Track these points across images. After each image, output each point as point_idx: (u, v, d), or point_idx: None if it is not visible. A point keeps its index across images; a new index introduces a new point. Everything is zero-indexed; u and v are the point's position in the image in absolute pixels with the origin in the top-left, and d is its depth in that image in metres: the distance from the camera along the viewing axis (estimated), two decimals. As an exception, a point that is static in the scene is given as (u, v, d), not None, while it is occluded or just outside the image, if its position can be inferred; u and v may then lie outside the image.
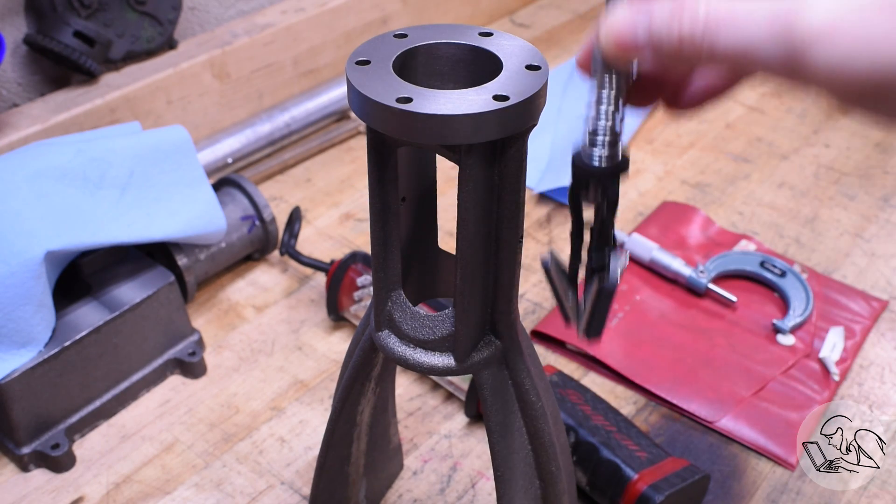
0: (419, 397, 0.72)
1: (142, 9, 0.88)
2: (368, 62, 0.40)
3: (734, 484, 0.66)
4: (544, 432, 0.48)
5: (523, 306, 0.81)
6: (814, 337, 0.77)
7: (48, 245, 0.65)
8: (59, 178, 0.68)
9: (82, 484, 0.65)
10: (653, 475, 0.60)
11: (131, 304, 0.70)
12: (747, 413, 0.71)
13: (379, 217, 0.44)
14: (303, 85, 1.05)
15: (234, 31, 0.98)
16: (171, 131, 0.75)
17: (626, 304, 0.80)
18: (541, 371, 0.50)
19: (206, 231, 0.76)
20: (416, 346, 0.46)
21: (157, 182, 0.73)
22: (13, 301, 0.63)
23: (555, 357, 0.76)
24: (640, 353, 0.75)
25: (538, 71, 0.39)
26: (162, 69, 0.90)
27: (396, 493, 0.65)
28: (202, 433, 0.69)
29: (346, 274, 0.76)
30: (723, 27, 0.33)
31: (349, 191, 0.96)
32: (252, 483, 0.66)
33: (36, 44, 0.82)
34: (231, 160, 0.92)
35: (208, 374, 0.74)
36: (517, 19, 1.30)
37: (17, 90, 0.87)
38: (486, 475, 0.66)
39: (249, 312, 0.80)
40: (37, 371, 0.65)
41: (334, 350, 0.77)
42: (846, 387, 0.74)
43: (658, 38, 0.34)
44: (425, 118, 0.37)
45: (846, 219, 0.92)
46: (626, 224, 0.91)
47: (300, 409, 0.71)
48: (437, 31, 0.43)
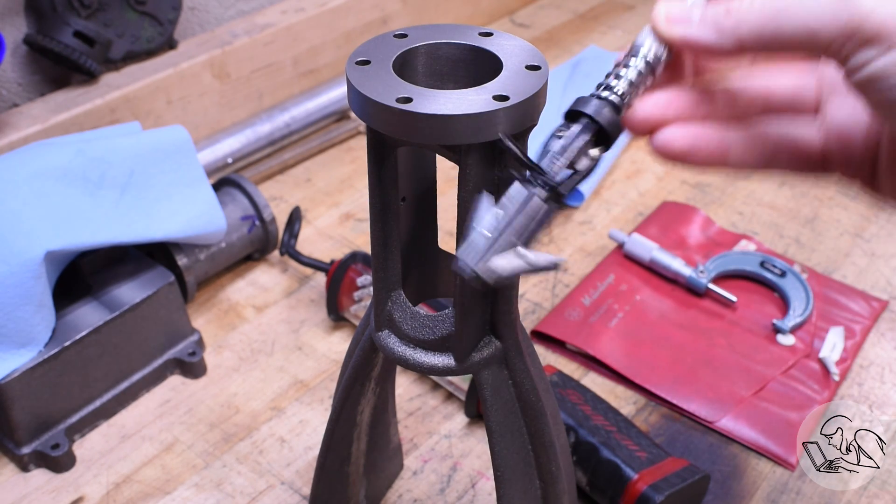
0: (419, 397, 0.72)
1: (142, 9, 0.88)
2: (368, 62, 0.40)
3: (734, 484, 0.66)
4: (544, 432, 0.48)
5: (523, 306, 0.81)
6: (814, 337, 0.77)
7: (48, 245, 0.65)
8: (59, 178, 0.68)
9: (82, 484, 0.65)
10: (653, 475, 0.60)
11: (131, 304, 0.70)
12: (747, 413, 0.71)
13: (379, 217, 0.44)
14: (303, 85, 1.05)
15: (234, 31, 0.98)
16: (171, 131, 0.75)
17: (626, 304, 0.80)
18: (541, 371, 0.50)
19: (206, 231, 0.76)
20: (416, 346, 0.46)
21: (157, 182, 0.73)
22: (13, 301, 0.63)
23: (555, 357, 0.76)
24: (640, 353, 0.75)
25: (538, 71, 0.39)
26: (162, 69, 0.90)
27: (396, 493, 0.65)
28: (202, 433, 0.69)
29: (346, 274, 0.76)
30: (790, 8, 0.34)
31: (349, 191, 0.96)
32: (252, 483, 0.66)
33: (36, 44, 0.82)
34: (231, 160, 0.92)
35: (208, 374, 0.74)
36: (517, 19, 1.30)
37: (17, 90, 0.87)
38: (486, 475, 0.66)
39: (249, 312, 0.80)
40: (37, 371, 0.65)
41: (334, 350, 0.77)
42: (846, 387, 0.74)
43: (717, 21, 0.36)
44: (425, 118, 0.37)
45: (846, 219, 0.92)
46: (627, 224, 0.91)
47: (300, 409, 0.71)
48: (437, 31, 0.43)
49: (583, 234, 0.90)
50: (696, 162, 0.38)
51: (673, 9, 0.37)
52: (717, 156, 0.38)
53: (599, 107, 0.37)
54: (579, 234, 0.90)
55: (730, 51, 0.36)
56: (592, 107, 0.37)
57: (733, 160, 0.39)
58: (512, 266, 0.34)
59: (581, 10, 1.32)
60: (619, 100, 0.37)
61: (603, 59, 1.16)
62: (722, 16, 0.36)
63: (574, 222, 0.91)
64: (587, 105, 0.37)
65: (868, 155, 0.39)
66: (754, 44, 0.35)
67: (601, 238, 0.89)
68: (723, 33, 0.36)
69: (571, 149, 0.36)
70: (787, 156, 0.40)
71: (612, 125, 0.37)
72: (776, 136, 0.40)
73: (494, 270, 0.34)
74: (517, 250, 0.35)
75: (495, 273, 0.34)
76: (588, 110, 0.37)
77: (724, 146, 0.38)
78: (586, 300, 0.80)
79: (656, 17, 0.37)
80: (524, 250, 0.35)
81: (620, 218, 0.92)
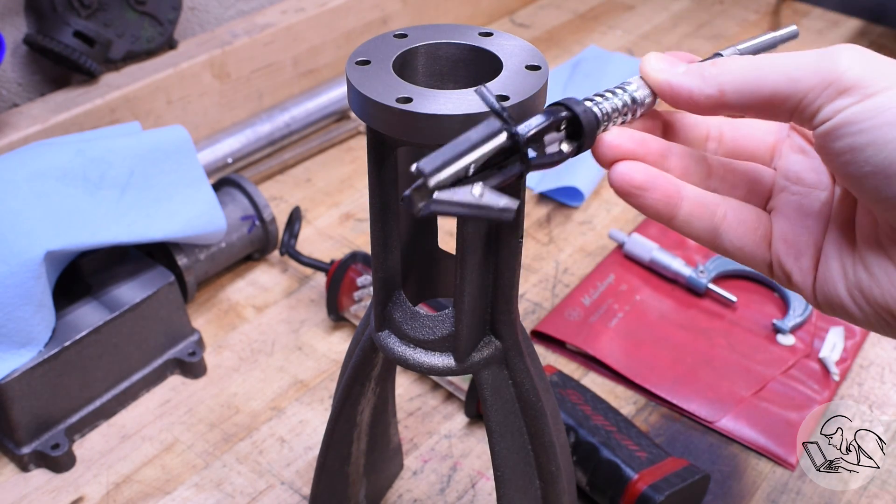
0: (419, 397, 0.72)
1: (142, 9, 0.88)
2: (368, 62, 0.40)
3: (734, 484, 0.66)
4: (544, 432, 0.48)
5: (523, 306, 0.81)
6: (814, 337, 0.77)
7: (48, 245, 0.65)
8: (59, 178, 0.68)
9: (82, 484, 0.65)
10: (653, 475, 0.60)
11: (131, 304, 0.70)
12: (747, 413, 0.71)
13: (379, 217, 0.44)
14: (303, 85, 1.05)
15: (234, 31, 0.98)
16: (171, 131, 0.75)
17: (626, 304, 0.80)
18: (541, 371, 0.50)
19: (206, 231, 0.76)
20: (416, 346, 0.46)
21: (157, 182, 0.73)
22: (13, 301, 0.63)
23: (555, 357, 0.76)
24: (640, 353, 0.75)
25: (538, 71, 0.39)
26: (162, 69, 0.90)
27: (396, 493, 0.65)
28: (202, 433, 0.69)
29: (346, 274, 0.76)
30: (774, 60, 0.36)
31: (349, 191, 0.96)
32: (252, 483, 0.66)
33: (36, 44, 0.82)
34: (231, 160, 0.92)
35: (208, 374, 0.74)
36: (517, 19, 1.30)
37: (17, 90, 0.87)
38: (486, 475, 0.66)
39: (249, 312, 0.80)
40: (37, 371, 0.65)
41: (334, 350, 0.77)
42: (846, 387, 0.74)
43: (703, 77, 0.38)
44: (425, 118, 0.37)
45: (846, 219, 0.92)
46: (627, 224, 0.91)
47: (300, 409, 0.71)
48: (437, 31, 0.43)
49: (583, 234, 0.90)
50: (648, 201, 0.39)
51: (661, 57, 0.39)
52: (672, 197, 0.39)
53: (581, 105, 0.37)
54: (579, 234, 0.90)
55: (710, 97, 0.37)
56: (574, 101, 0.37)
57: (686, 207, 0.40)
58: (459, 199, 0.33)
59: (581, 10, 1.32)
60: (600, 112, 0.38)
61: (603, 59, 1.16)
62: (707, 66, 0.38)
63: (574, 222, 0.91)
64: (570, 101, 0.37)
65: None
66: (735, 93, 0.37)
67: (601, 238, 0.89)
68: (706, 80, 0.37)
69: (542, 123, 0.36)
70: (743, 192, 0.42)
71: (588, 124, 0.37)
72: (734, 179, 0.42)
73: (435, 179, 0.33)
74: (473, 185, 0.33)
75: (434, 180, 0.33)
76: (569, 103, 0.37)
77: (677, 190, 0.40)
78: (586, 300, 0.80)
79: (645, 62, 0.39)
80: (479, 187, 0.33)
81: (620, 218, 0.92)
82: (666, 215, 0.40)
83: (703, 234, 0.41)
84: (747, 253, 0.42)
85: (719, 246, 0.41)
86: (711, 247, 0.41)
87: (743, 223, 0.41)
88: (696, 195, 0.40)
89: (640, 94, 0.39)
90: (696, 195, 0.40)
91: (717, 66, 0.37)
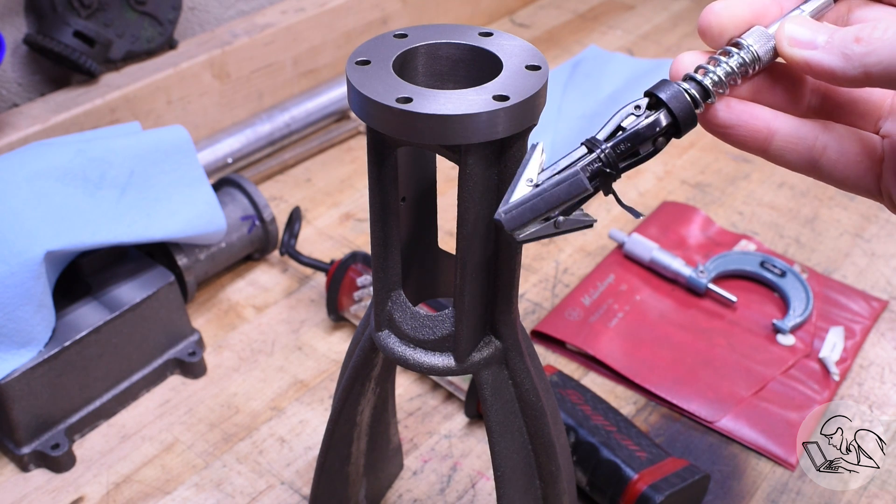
0: (419, 397, 0.72)
1: (142, 9, 0.88)
2: (368, 62, 0.40)
3: (734, 484, 0.66)
4: (544, 432, 0.48)
5: (523, 306, 0.81)
6: (814, 337, 0.77)
7: (48, 245, 0.65)
8: (59, 178, 0.68)
9: (82, 484, 0.65)
10: (653, 475, 0.60)
11: (131, 304, 0.70)
12: (747, 413, 0.71)
13: (379, 217, 0.44)
14: (303, 85, 1.05)
15: (234, 31, 0.98)
16: (171, 131, 0.75)
17: (626, 304, 0.80)
18: (541, 371, 0.50)
19: (206, 231, 0.76)
20: (416, 346, 0.46)
21: (157, 182, 0.73)
22: (13, 301, 0.63)
23: (555, 357, 0.76)
24: (640, 353, 0.75)
25: (538, 71, 0.39)
26: (162, 69, 0.90)
27: (396, 493, 0.65)
28: (202, 433, 0.69)
29: (346, 274, 0.76)
30: None
31: (349, 191, 0.96)
32: (252, 483, 0.66)
33: (36, 44, 0.82)
34: (231, 160, 0.92)
35: (208, 374, 0.74)
36: (517, 19, 1.30)
37: (17, 90, 0.87)
38: (486, 475, 0.66)
39: (249, 312, 0.80)
40: (37, 371, 0.65)
41: (334, 350, 0.77)
42: (846, 387, 0.74)
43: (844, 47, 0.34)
44: (425, 118, 0.37)
45: (846, 219, 0.92)
46: (627, 224, 0.91)
47: (300, 409, 0.71)
48: (437, 31, 0.43)
49: (583, 234, 0.90)
50: (734, 139, 0.37)
51: (798, 31, 0.36)
52: (760, 132, 0.37)
53: (683, 101, 0.36)
54: (579, 234, 0.90)
55: (853, 79, 0.34)
56: (677, 101, 0.36)
57: (778, 141, 0.38)
58: (540, 232, 0.36)
59: (581, 10, 1.32)
60: (705, 91, 0.36)
61: (603, 59, 1.16)
62: (850, 42, 0.34)
63: (574, 222, 0.91)
64: (670, 94, 0.36)
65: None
66: (883, 74, 0.33)
67: (601, 238, 0.89)
68: (850, 61, 0.34)
69: (641, 135, 0.36)
70: (848, 114, 0.39)
71: (687, 119, 0.36)
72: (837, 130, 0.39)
73: (522, 233, 0.35)
74: (548, 218, 0.35)
75: (521, 234, 0.35)
76: (671, 103, 0.36)
77: (766, 125, 0.38)
78: (586, 300, 0.80)
79: (780, 37, 0.36)
80: (555, 216, 0.35)
81: (620, 218, 0.92)
82: (756, 149, 0.38)
83: (800, 167, 0.38)
84: (851, 184, 0.39)
85: (821, 177, 0.39)
86: (815, 177, 0.39)
87: (845, 155, 0.38)
88: (789, 129, 0.38)
89: (759, 55, 0.36)
90: (790, 129, 0.38)
91: (863, 43, 0.34)
